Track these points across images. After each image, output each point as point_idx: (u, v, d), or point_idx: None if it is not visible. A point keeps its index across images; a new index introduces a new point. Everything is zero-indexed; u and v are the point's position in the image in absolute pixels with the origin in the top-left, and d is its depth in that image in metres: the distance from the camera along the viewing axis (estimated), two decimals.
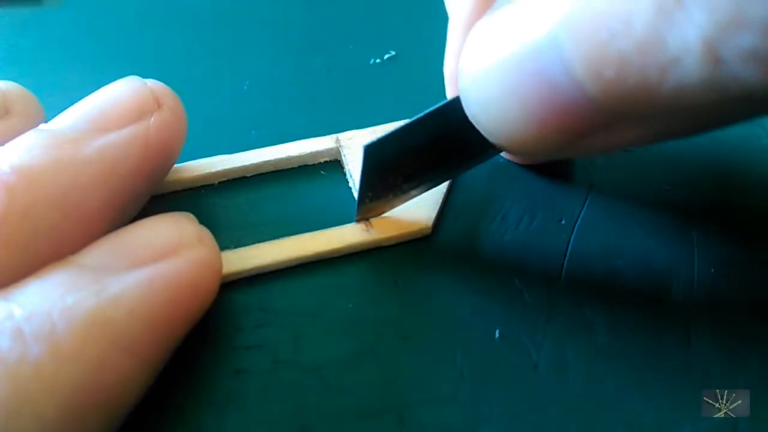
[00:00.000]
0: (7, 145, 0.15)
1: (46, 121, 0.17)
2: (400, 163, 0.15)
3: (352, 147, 0.19)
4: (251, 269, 0.16)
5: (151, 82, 0.16)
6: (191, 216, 0.16)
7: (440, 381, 0.15)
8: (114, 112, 0.15)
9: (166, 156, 0.16)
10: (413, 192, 0.17)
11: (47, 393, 0.12)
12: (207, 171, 0.18)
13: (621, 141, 0.13)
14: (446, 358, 0.15)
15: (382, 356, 0.15)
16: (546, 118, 0.13)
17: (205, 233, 0.15)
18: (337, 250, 0.16)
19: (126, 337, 0.13)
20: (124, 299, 0.13)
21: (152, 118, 0.16)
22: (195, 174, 0.18)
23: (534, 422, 0.14)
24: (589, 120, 0.13)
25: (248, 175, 0.19)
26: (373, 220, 0.17)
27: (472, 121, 0.14)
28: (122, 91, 0.16)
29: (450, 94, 0.18)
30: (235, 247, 0.16)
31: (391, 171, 0.16)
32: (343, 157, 0.18)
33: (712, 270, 0.16)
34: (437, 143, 0.15)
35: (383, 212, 0.17)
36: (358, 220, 0.17)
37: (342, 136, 0.19)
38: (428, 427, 0.14)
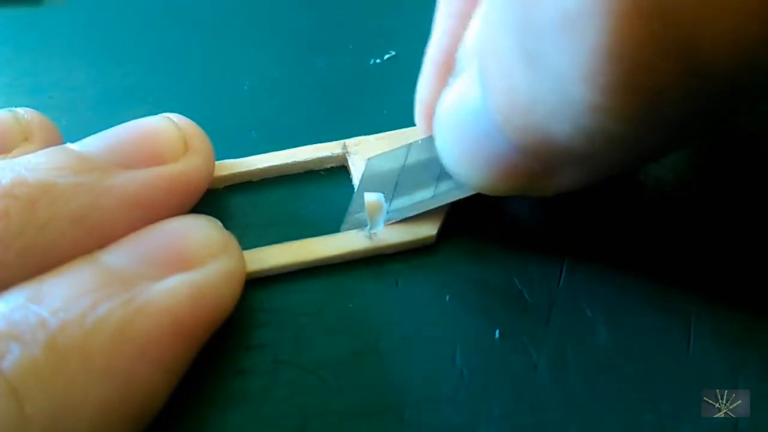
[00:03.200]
0: (34, 153, 0.15)
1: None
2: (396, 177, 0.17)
3: (358, 153, 0.19)
4: (254, 272, 0.16)
5: (182, 123, 0.17)
6: (217, 221, 0.16)
7: (440, 381, 0.15)
8: (142, 151, 0.16)
9: (190, 196, 0.17)
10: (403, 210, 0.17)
11: (80, 408, 0.12)
12: (213, 175, 0.18)
13: (569, 181, 0.15)
14: (446, 358, 0.15)
15: (382, 356, 0.15)
16: (493, 165, 0.14)
17: (231, 241, 0.15)
18: (340, 257, 0.16)
19: (153, 349, 0.13)
20: (152, 310, 0.13)
21: (179, 163, 0.16)
22: None
23: (534, 422, 0.14)
24: (525, 166, 0.14)
25: (254, 180, 0.19)
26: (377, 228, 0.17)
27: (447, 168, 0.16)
28: (153, 131, 0.16)
29: (418, 124, 0.19)
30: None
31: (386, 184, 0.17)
32: (349, 163, 0.18)
33: (712, 270, 0.16)
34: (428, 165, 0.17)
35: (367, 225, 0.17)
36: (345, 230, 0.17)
37: (349, 141, 0.19)
38: (428, 427, 0.14)
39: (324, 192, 0.18)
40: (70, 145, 0.16)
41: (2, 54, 0.23)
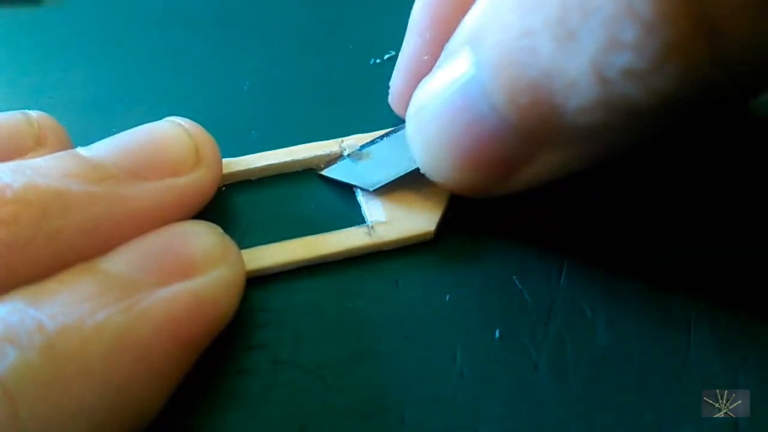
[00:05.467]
0: (45, 158, 0.15)
1: None
2: None
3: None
4: (253, 271, 0.16)
5: (194, 130, 0.17)
6: (217, 227, 0.16)
7: (440, 381, 0.15)
8: (155, 161, 0.15)
9: (198, 207, 0.16)
10: None
11: (76, 414, 0.12)
12: None
13: (545, 170, 0.15)
14: (446, 358, 0.15)
15: (382, 356, 0.15)
16: (475, 150, 0.15)
17: (231, 247, 0.15)
18: (339, 254, 0.16)
19: (152, 357, 0.13)
20: (152, 317, 0.13)
21: (191, 175, 0.16)
22: None
23: (534, 422, 0.14)
24: (512, 149, 0.14)
25: (252, 179, 0.19)
26: (376, 225, 0.17)
27: (417, 161, 0.16)
28: (166, 139, 0.16)
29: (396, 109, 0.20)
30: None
31: None
32: None
33: (712, 270, 0.16)
34: None
35: None
36: None
37: (347, 140, 0.19)
38: (428, 427, 0.14)
39: (323, 191, 0.18)
40: (80, 150, 0.15)
41: (2, 54, 0.23)
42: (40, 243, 0.13)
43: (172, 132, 0.16)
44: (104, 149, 0.15)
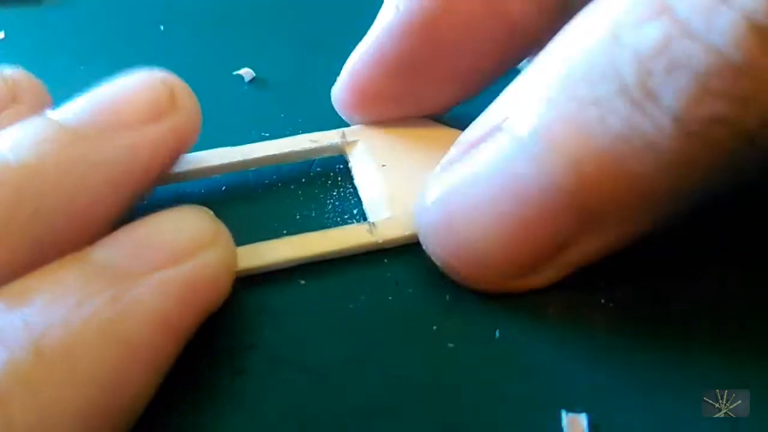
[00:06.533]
0: (14, 127, 0.14)
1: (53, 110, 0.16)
2: None
3: (358, 142, 0.18)
4: (252, 268, 0.16)
5: (168, 78, 0.16)
6: (208, 211, 0.15)
7: (440, 380, 0.15)
8: (128, 110, 0.15)
9: (176, 158, 0.16)
10: None
11: (67, 412, 0.12)
12: (209, 164, 0.18)
13: (585, 253, 0.15)
14: (446, 357, 0.15)
15: (382, 356, 0.15)
16: (525, 229, 0.14)
17: (221, 230, 0.15)
18: (340, 251, 0.16)
19: (141, 348, 0.13)
20: (140, 306, 0.13)
21: (167, 122, 0.15)
22: (197, 167, 0.18)
23: (535, 422, 0.14)
24: (566, 224, 0.14)
25: (251, 168, 0.18)
26: (377, 222, 0.17)
27: (439, 260, 0.16)
28: (138, 88, 0.15)
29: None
30: (237, 245, 0.16)
31: None
32: (347, 153, 0.18)
33: (712, 270, 0.16)
34: None
35: None
36: None
37: (348, 130, 0.19)
38: (428, 427, 0.14)
39: (324, 190, 0.18)
40: (50, 114, 0.15)
41: (2, 54, 0.23)
42: (19, 224, 0.13)
43: (142, 79, 0.16)
44: (73, 109, 0.15)
